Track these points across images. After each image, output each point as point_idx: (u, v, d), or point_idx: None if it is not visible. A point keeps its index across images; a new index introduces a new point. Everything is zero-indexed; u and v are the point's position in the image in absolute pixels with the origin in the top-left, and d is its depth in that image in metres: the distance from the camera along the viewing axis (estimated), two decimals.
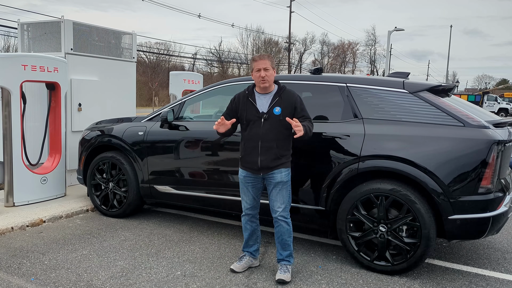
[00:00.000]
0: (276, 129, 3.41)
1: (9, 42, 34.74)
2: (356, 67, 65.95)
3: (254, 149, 3.44)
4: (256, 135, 3.44)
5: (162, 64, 44.33)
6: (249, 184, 3.56)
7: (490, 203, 3.47)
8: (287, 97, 3.45)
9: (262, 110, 3.44)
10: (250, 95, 3.51)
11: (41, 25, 6.38)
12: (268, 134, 3.40)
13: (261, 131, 3.42)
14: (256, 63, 3.43)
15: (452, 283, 3.59)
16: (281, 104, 3.42)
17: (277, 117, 3.40)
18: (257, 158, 3.44)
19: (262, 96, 3.49)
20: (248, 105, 3.49)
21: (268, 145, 3.41)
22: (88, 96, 6.44)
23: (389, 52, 31.31)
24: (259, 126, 3.42)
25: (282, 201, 3.49)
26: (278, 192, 3.47)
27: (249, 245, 3.76)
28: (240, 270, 3.66)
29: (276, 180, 3.46)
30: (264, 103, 3.46)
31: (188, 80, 8.31)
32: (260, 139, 3.42)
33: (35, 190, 5.47)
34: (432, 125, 3.61)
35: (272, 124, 3.41)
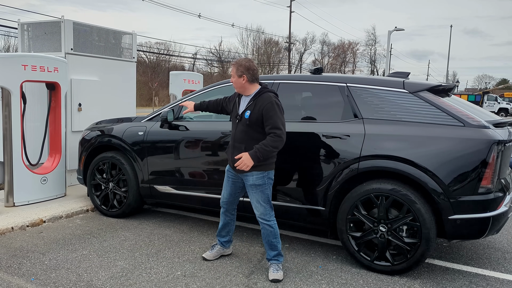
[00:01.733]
0: (245, 132, 3.49)
1: (9, 42, 34.76)
2: (356, 67, 65.97)
3: (230, 148, 3.64)
4: (232, 134, 3.65)
5: (162, 64, 44.33)
6: (229, 179, 3.72)
7: (490, 203, 3.47)
8: (259, 102, 3.45)
9: (238, 112, 3.59)
10: (239, 96, 3.67)
11: (41, 25, 6.37)
12: (239, 135, 3.54)
13: (234, 131, 3.59)
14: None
15: (452, 283, 3.59)
16: (253, 108, 3.46)
17: (246, 120, 3.48)
18: (230, 156, 3.61)
19: (244, 98, 3.62)
20: (234, 104, 3.68)
21: (238, 145, 3.53)
22: (88, 96, 6.44)
23: (389, 52, 31.31)
24: (235, 127, 3.60)
25: (257, 204, 3.55)
26: (252, 195, 3.56)
27: (222, 235, 3.94)
28: (211, 258, 3.90)
29: (248, 183, 3.54)
30: (242, 105, 3.60)
31: (188, 80, 8.31)
32: (233, 139, 3.60)
33: (35, 190, 5.47)
34: (432, 125, 3.60)
35: (243, 126, 3.51)
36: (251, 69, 3.50)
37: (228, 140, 4.31)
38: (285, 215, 4.16)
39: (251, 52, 54.11)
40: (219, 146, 4.39)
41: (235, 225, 3.97)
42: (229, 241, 3.99)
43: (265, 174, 3.50)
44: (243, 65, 3.51)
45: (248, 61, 3.56)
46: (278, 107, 3.42)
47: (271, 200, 3.58)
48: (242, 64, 3.51)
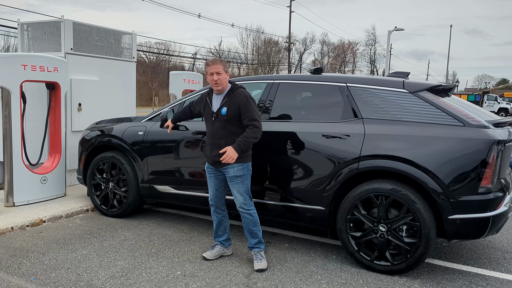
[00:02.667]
0: (224, 128, 3.66)
1: (9, 42, 34.76)
2: (356, 67, 65.97)
3: (208, 145, 3.78)
4: (208, 132, 3.77)
5: (162, 64, 44.33)
6: (211, 175, 3.86)
7: (490, 203, 3.47)
8: (234, 98, 3.65)
9: (213, 110, 3.72)
10: (209, 95, 3.82)
11: (41, 25, 6.37)
12: (217, 132, 3.68)
13: (212, 129, 3.72)
14: (209, 68, 3.67)
15: (452, 283, 3.59)
16: (228, 104, 3.65)
17: (223, 116, 3.65)
18: (209, 153, 3.75)
19: (216, 96, 3.76)
20: (205, 104, 3.81)
21: (217, 142, 3.68)
22: (88, 96, 6.44)
23: (389, 52, 31.31)
24: (211, 124, 3.72)
25: (237, 195, 3.73)
26: (233, 186, 3.73)
27: (219, 235, 4.01)
28: (211, 258, 3.92)
29: (229, 175, 3.71)
30: (216, 103, 3.73)
31: (188, 80, 8.31)
32: (211, 136, 3.73)
33: (35, 190, 5.47)
34: (432, 125, 3.60)
35: (220, 122, 3.66)
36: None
37: None
38: (285, 215, 4.16)
39: (251, 52, 54.13)
40: None
41: (229, 222, 4.05)
42: (228, 239, 4.02)
43: (245, 165, 3.71)
44: (226, 63, 3.78)
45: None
46: (252, 101, 3.67)
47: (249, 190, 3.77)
48: (225, 62, 3.78)
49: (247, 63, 52.71)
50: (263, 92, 4.42)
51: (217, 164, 3.72)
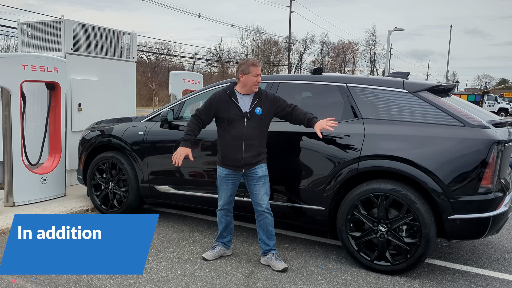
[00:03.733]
0: (258, 128, 3.67)
1: (9, 42, 34.73)
2: (356, 67, 65.90)
3: (238, 147, 3.64)
4: (237, 134, 3.64)
5: (162, 64, 44.32)
6: (229, 181, 3.77)
7: (490, 203, 3.47)
8: (265, 98, 3.72)
9: (245, 110, 3.64)
10: (232, 95, 3.69)
11: (41, 25, 6.37)
12: (251, 133, 3.63)
13: (243, 129, 3.62)
14: (256, 68, 3.66)
15: (452, 283, 3.59)
16: (262, 105, 3.68)
17: (259, 116, 3.65)
18: (240, 155, 3.64)
19: (243, 96, 3.70)
20: (230, 104, 3.67)
21: (251, 142, 3.64)
22: (88, 96, 6.43)
23: (389, 52, 31.32)
24: (242, 125, 3.62)
25: (267, 194, 3.74)
26: (261, 186, 3.71)
27: (223, 236, 3.99)
28: (211, 258, 3.90)
29: (258, 175, 3.69)
30: (246, 103, 3.67)
31: (188, 80, 8.31)
32: (243, 137, 3.62)
33: (35, 190, 5.47)
34: (432, 125, 3.60)
35: (255, 123, 3.64)
36: None
37: None
38: (285, 215, 4.16)
39: (251, 52, 54.08)
40: None
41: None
42: (231, 240, 4.04)
43: (266, 166, 3.76)
44: None
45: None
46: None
47: None
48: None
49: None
50: None
51: (247, 166, 3.66)
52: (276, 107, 3.73)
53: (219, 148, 3.79)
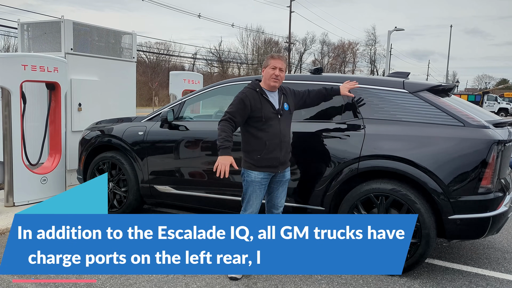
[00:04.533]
0: (289, 124, 3.61)
1: (9, 42, 34.73)
2: (356, 67, 65.94)
3: (276, 146, 3.45)
4: (274, 133, 3.44)
5: (162, 64, 44.31)
6: (262, 186, 3.49)
7: (490, 203, 3.47)
8: (288, 93, 3.68)
9: (278, 107, 3.51)
10: (262, 93, 3.49)
11: (41, 25, 6.38)
12: (285, 130, 3.54)
13: (279, 127, 3.47)
14: (274, 61, 3.47)
15: (452, 283, 3.59)
16: (286, 100, 3.60)
17: (288, 112, 3.57)
18: (279, 154, 3.46)
19: (271, 93, 3.55)
20: (263, 102, 3.45)
21: (286, 140, 3.54)
22: (88, 96, 6.44)
23: (389, 52, 31.31)
24: (277, 123, 3.47)
25: (284, 199, 3.67)
26: (284, 188, 3.63)
27: None
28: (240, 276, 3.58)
29: (286, 178, 3.61)
30: (275, 100, 3.54)
31: (188, 80, 8.31)
32: (279, 136, 3.47)
33: (35, 190, 5.47)
34: (432, 125, 3.61)
35: (287, 120, 3.57)
36: None
37: None
38: None
39: (251, 52, 54.10)
40: None
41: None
42: None
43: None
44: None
45: None
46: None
47: None
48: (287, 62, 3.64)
49: (247, 63, 52.67)
50: None
51: (283, 166, 3.52)
52: (298, 100, 3.72)
53: (253, 150, 3.44)
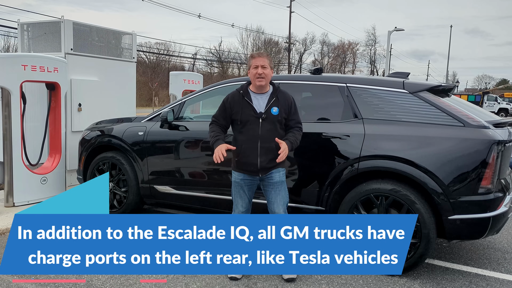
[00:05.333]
0: (274, 130, 3.38)
1: (9, 42, 34.72)
2: (356, 67, 65.96)
3: (253, 151, 3.36)
4: (254, 136, 3.36)
5: (162, 64, 44.32)
6: (247, 186, 3.49)
7: (490, 203, 3.47)
8: (283, 97, 3.44)
9: (260, 110, 3.37)
10: (245, 95, 3.41)
11: (41, 25, 6.38)
12: (267, 135, 3.35)
13: (260, 131, 3.35)
14: (254, 60, 3.37)
15: (452, 283, 3.59)
16: (278, 104, 3.39)
17: (275, 117, 3.37)
18: (256, 159, 3.36)
19: (258, 96, 3.42)
20: (243, 104, 3.39)
21: (267, 145, 3.35)
22: (88, 96, 6.44)
23: (389, 52, 31.31)
24: (257, 127, 3.35)
25: (283, 202, 3.49)
26: (278, 192, 3.46)
27: None
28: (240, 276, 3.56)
29: (274, 180, 3.44)
30: (261, 103, 3.39)
31: (188, 80, 8.31)
32: (259, 140, 3.35)
33: (35, 190, 5.47)
34: (432, 125, 3.61)
35: (271, 124, 3.37)
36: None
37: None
38: None
39: (251, 52, 54.05)
40: None
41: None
42: None
43: (284, 170, 3.54)
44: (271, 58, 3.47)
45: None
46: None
47: None
48: (271, 58, 3.46)
49: (247, 63, 52.65)
50: None
51: (263, 171, 3.39)
52: (287, 111, 3.43)
53: (234, 151, 3.44)
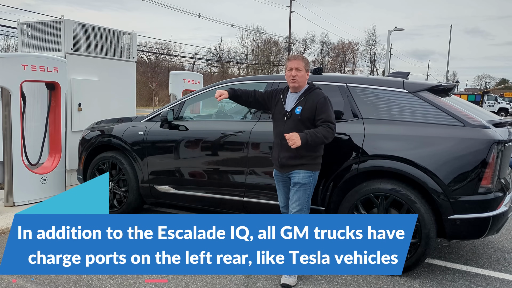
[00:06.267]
0: (296, 128, 3.40)
1: (9, 42, 34.71)
2: (356, 67, 65.92)
3: (277, 147, 3.55)
4: (277, 133, 3.54)
5: (162, 64, 44.32)
6: (280, 182, 3.65)
7: (490, 203, 3.47)
8: (311, 97, 3.46)
9: (286, 109, 3.51)
10: (283, 93, 3.61)
11: (41, 25, 6.38)
12: (288, 132, 3.37)
13: (282, 129, 3.47)
14: (290, 62, 3.50)
15: (452, 283, 3.59)
16: (304, 104, 3.45)
17: (297, 116, 3.44)
18: (277, 155, 3.53)
19: (292, 95, 3.56)
20: (279, 102, 3.59)
21: (287, 143, 3.35)
22: (88, 96, 6.43)
23: (389, 52, 31.31)
24: (282, 124, 3.50)
25: (298, 203, 3.46)
26: (294, 192, 3.47)
27: None
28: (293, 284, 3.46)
29: (294, 180, 3.48)
30: (291, 102, 3.52)
31: (188, 80, 8.31)
32: (280, 137, 3.46)
33: (35, 190, 5.47)
34: (432, 125, 3.61)
35: (293, 123, 3.44)
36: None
37: (228, 140, 4.31)
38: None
39: (251, 52, 54.08)
40: (219, 146, 4.39)
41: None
42: None
43: (312, 174, 3.48)
44: (308, 61, 3.56)
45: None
46: (330, 103, 3.46)
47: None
48: (308, 61, 3.57)
49: (247, 63, 52.66)
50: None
51: (284, 168, 3.50)
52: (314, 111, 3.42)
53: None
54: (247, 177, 4.20)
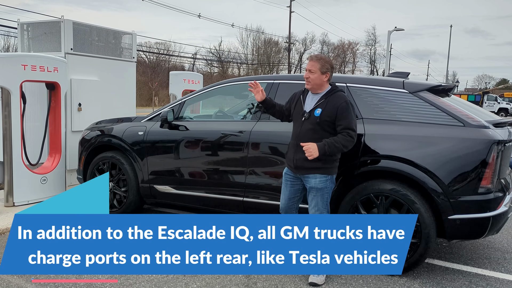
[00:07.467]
0: (313, 130, 3.36)
1: (9, 42, 34.71)
2: (356, 67, 65.95)
3: (292, 147, 3.49)
4: (294, 133, 3.50)
5: (162, 64, 44.31)
6: (288, 182, 3.57)
7: (490, 203, 3.47)
8: (332, 100, 3.37)
9: (305, 110, 3.44)
10: (304, 93, 3.55)
11: (41, 25, 6.38)
12: (305, 134, 3.37)
13: (299, 129, 3.43)
14: (307, 63, 3.48)
15: (452, 283, 3.59)
16: (324, 106, 3.36)
17: (315, 118, 3.36)
18: (292, 155, 3.47)
19: (312, 96, 3.48)
20: (298, 102, 3.54)
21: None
22: (88, 96, 6.43)
23: (389, 52, 31.31)
24: (299, 125, 3.45)
25: (316, 208, 3.44)
26: (312, 198, 3.45)
27: None
28: (321, 283, 3.48)
29: (309, 185, 3.43)
30: (310, 103, 3.45)
31: (188, 80, 8.31)
32: (296, 138, 3.44)
33: (35, 190, 5.47)
34: (432, 125, 3.61)
35: (311, 125, 3.38)
36: (333, 67, 3.50)
37: (227, 140, 4.31)
38: None
39: (251, 52, 54.09)
40: (219, 146, 4.39)
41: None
42: None
43: (329, 177, 3.42)
44: (329, 62, 3.46)
45: (331, 60, 3.55)
46: (352, 108, 3.38)
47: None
48: (328, 61, 3.46)
49: (247, 63, 52.67)
50: None
51: (299, 170, 3.42)
52: (334, 115, 3.32)
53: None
54: (247, 177, 4.20)
